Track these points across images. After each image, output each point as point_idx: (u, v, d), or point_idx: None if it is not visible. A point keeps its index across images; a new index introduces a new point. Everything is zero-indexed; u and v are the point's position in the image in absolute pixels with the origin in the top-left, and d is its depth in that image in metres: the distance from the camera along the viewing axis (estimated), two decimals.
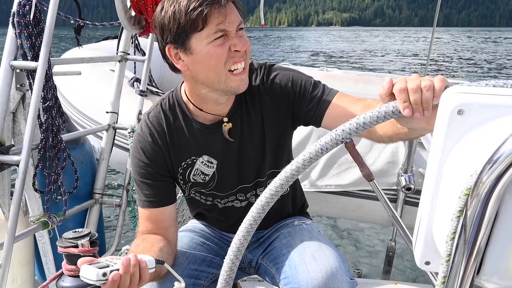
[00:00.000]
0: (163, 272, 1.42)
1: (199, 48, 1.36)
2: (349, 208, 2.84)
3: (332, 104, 1.47)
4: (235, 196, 1.66)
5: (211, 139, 1.55)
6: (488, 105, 0.68)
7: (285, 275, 1.46)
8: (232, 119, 1.55)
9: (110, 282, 1.17)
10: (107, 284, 1.18)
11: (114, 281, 1.18)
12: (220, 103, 1.50)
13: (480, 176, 0.60)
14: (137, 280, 1.23)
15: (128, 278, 1.21)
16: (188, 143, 1.56)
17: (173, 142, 1.55)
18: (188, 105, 1.54)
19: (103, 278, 1.19)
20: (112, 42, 3.58)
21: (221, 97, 1.47)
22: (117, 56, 2.91)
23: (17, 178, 1.95)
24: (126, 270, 1.20)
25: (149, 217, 1.55)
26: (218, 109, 1.52)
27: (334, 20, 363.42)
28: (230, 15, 1.35)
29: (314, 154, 0.85)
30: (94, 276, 1.19)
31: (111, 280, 1.18)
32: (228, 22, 1.34)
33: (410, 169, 2.52)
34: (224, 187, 1.63)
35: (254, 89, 1.55)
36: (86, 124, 3.56)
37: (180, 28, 1.34)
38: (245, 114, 1.56)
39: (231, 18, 1.35)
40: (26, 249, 2.37)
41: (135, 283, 1.23)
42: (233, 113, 1.55)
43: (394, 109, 0.92)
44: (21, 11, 1.99)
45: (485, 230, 0.63)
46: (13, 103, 2.13)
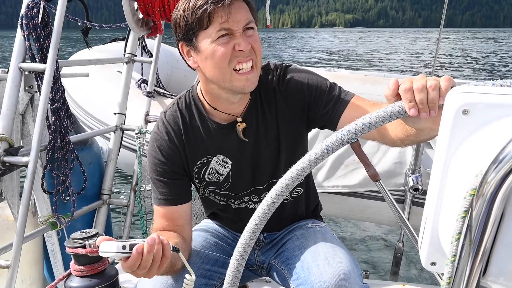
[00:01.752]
0: (178, 267, 1.42)
1: (205, 46, 1.38)
2: (356, 209, 2.83)
3: (347, 108, 1.46)
4: (249, 197, 1.66)
5: (226, 139, 1.55)
6: (493, 104, 0.67)
7: (297, 276, 1.45)
8: (247, 119, 1.55)
9: (135, 255, 1.16)
10: (131, 257, 1.16)
11: (138, 253, 1.16)
12: (233, 102, 1.50)
13: (486, 176, 0.60)
14: (159, 258, 1.21)
15: (151, 256, 1.19)
16: (203, 142, 1.56)
17: (189, 141, 1.55)
18: (204, 104, 1.55)
19: (123, 250, 1.17)
20: (120, 44, 3.60)
21: (231, 96, 1.47)
22: (125, 58, 2.92)
23: (25, 179, 1.96)
24: (151, 249, 1.18)
25: (164, 214, 1.54)
26: (232, 108, 1.52)
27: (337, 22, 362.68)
28: (236, 14, 1.34)
29: (320, 154, 0.85)
30: (114, 248, 1.17)
31: (136, 252, 1.16)
32: (233, 21, 1.34)
33: (418, 170, 2.51)
34: (239, 187, 1.63)
35: (270, 89, 1.55)
36: (94, 125, 3.58)
37: (188, 26, 1.37)
38: (260, 114, 1.56)
39: (236, 17, 1.34)
40: (35, 249, 2.38)
41: (158, 261, 1.21)
42: (248, 113, 1.54)
43: (400, 109, 0.92)
44: (29, 14, 2.01)
45: (491, 231, 0.63)
46: (22, 105, 2.15)
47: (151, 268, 1.21)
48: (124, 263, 1.19)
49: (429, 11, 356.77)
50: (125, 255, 1.17)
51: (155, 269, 1.22)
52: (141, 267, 1.19)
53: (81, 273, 1.64)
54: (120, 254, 1.17)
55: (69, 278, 1.68)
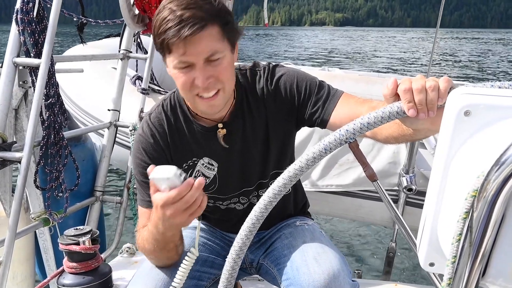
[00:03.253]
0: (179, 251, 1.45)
1: (170, 68, 1.37)
2: (349, 208, 2.83)
3: (337, 106, 1.46)
4: (237, 199, 1.66)
5: (212, 141, 1.54)
6: (495, 106, 0.67)
7: (287, 277, 1.45)
8: (231, 123, 1.53)
9: (185, 185, 1.14)
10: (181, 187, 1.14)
11: (188, 185, 1.15)
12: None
13: (487, 178, 0.60)
14: (199, 202, 1.19)
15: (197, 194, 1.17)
16: (189, 144, 1.55)
17: (175, 143, 1.54)
18: (189, 106, 1.54)
19: (180, 177, 1.14)
20: (114, 40, 3.57)
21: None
22: (119, 54, 2.91)
23: (18, 175, 1.95)
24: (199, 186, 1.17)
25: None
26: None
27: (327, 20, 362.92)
28: (195, 46, 1.28)
29: (318, 154, 0.85)
30: (172, 173, 1.14)
31: (186, 183, 1.15)
32: (191, 54, 1.30)
33: (412, 170, 2.52)
34: (226, 189, 1.62)
35: (258, 91, 1.54)
36: (88, 121, 3.55)
37: (156, 45, 1.36)
38: (248, 116, 1.54)
39: (195, 49, 1.29)
40: (27, 246, 2.37)
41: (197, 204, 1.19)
42: (233, 117, 1.53)
43: (399, 110, 0.92)
44: (24, 8, 1.99)
45: (491, 232, 0.63)
46: (16, 100, 2.13)
47: (187, 209, 1.19)
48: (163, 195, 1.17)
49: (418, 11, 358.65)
50: (176, 183, 1.14)
51: (188, 213, 1.20)
52: (182, 201, 1.16)
53: (74, 270, 1.64)
54: (174, 180, 1.14)
55: (62, 275, 1.68)
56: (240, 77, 1.56)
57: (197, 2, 1.29)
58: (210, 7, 1.30)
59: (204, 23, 1.27)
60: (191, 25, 1.25)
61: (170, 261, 1.47)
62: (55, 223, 2.26)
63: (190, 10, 1.26)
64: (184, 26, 1.25)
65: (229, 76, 1.39)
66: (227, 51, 1.36)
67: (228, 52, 1.36)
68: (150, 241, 1.38)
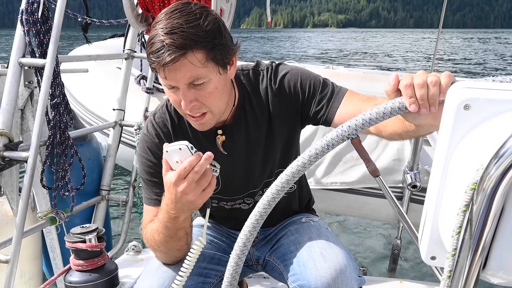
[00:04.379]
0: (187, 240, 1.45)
1: (162, 84, 1.37)
2: (354, 205, 2.84)
3: (342, 104, 1.45)
4: (242, 200, 1.67)
5: (212, 144, 1.54)
6: (495, 100, 0.68)
7: (294, 272, 1.45)
8: (233, 126, 1.53)
9: (195, 157, 1.18)
10: (191, 159, 1.18)
11: (198, 156, 1.19)
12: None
13: (486, 171, 0.61)
14: (209, 177, 1.22)
15: (206, 165, 1.20)
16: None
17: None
18: None
19: (192, 150, 1.19)
20: (119, 40, 3.59)
21: None
22: (124, 54, 2.93)
23: (25, 174, 1.96)
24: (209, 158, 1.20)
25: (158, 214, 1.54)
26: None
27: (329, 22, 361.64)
28: (175, 73, 1.27)
29: (320, 150, 0.85)
30: (184, 143, 1.19)
31: (207, 155, 1.19)
32: (172, 79, 1.29)
33: (416, 167, 2.52)
34: (231, 191, 1.62)
35: (262, 91, 1.53)
36: (93, 121, 3.58)
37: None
38: (251, 118, 1.54)
39: (174, 76, 1.28)
40: (34, 244, 2.39)
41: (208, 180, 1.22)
42: (235, 120, 1.53)
43: (400, 105, 0.92)
44: (29, 9, 2.01)
45: (491, 225, 0.63)
46: (22, 100, 2.15)
47: (199, 184, 1.21)
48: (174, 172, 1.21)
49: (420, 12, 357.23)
50: (188, 155, 1.19)
51: (200, 188, 1.22)
52: (193, 172, 1.19)
53: (81, 268, 1.65)
54: (186, 152, 1.19)
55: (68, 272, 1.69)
56: (243, 78, 1.55)
57: (182, 25, 1.24)
58: (196, 31, 1.25)
59: (183, 51, 1.24)
60: (170, 53, 1.23)
61: (179, 253, 1.47)
62: (61, 222, 2.28)
63: (172, 36, 1.24)
64: (164, 52, 1.24)
65: (215, 99, 1.36)
66: (212, 74, 1.32)
67: (214, 75, 1.33)
68: (160, 230, 1.38)
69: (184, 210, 1.29)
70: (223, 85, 1.39)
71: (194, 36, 1.25)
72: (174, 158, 1.21)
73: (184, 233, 1.40)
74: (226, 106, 1.46)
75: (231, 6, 2.90)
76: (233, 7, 2.94)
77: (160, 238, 1.41)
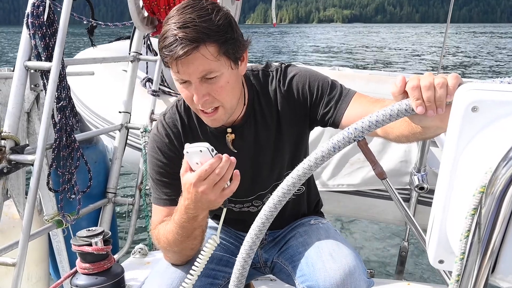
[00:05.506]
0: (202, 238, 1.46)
1: (174, 80, 1.38)
2: (361, 207, 2.82)
3: (350, 106, 1.45)
4: (251, 203, 1.66)
5: (222, 144, 1.54)
6: (503, 102, 0.67)
7: (302, 273, 1.45)
8: (243, 126, 1.54)
9: (216, 159, 1.20)
10: (212, 161, 1.20)
11: (218, 158, 1.20)
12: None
13: (495, 174, 0.60)
14: (229, 175, 1.24)
15: (227, 166, 1.22)
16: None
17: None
18: None
19: (212, 152, 1.21)
20: (125, 43, 3.60)
21: None
22: (130, 57, 2.93)
23: (31, 177, 1.97)
24: (229, 159, 1.22)
25: (168, 214, 1.52)
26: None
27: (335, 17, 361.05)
28: (187, 66, 1.28)
29: (326, 152, 0.85)
30: (205, 145, 1.20)
31: (217, 157, 1.20)
32: (184, 73, 1.30)
33: (423, 169, 2.50)
34: (239, 193, 1.61)
35: (271, 92, 1.54)
36: (99, 124, 3.58)
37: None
38: (260, 119, 1.54)
39: (187, 69, 1.29)
40: (41, 247, 2.39)
41: (226, 179, 1.24)
42: (245, 121, 1.54)
43: (407, 107, 0.91)
44: (35, 12, 2.02)
45: (500, 228, 0.62)
46: (28, 103, 2.16)
47: (219, 183, 1.23)
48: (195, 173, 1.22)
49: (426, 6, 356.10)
50: (208, 157, 1.20)
51: (220, 188, 1.24)
52: (214, 174, 1.21)
53: (87, 271, 1.65)
54: (206, 154, 1.20)
55: (75, 276, 1.69)
56: (252, 79, 1.56)
57: (194, 19, 1.26)
58: (208, 25, 1.27)
59: (196, 44, 1.26)
60: (183, 46, 1.25)
61: (192, 252, 1.47)
62: (68, 225, 2.28)
63: (185, 30, 1.25)
64: (177, 46, 1.25)
65: (227, 93, 1.37)
66: (224, 68, 1.34)
67: (226, 69, 1.34)
68: (175, 231, 1.38)
69: (204, 208, 1.31)
70: (235, 80, 1.40)
71: (207, 30, 1.27)
72: (194, 160, 1.22)
73: (201, 231, 1.42)
74: (237, 104, 1.47)
75: (237, 8, 2.90)
76: (238, 9, 2.94)
77: (175, 239, 1.41)
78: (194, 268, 1.31)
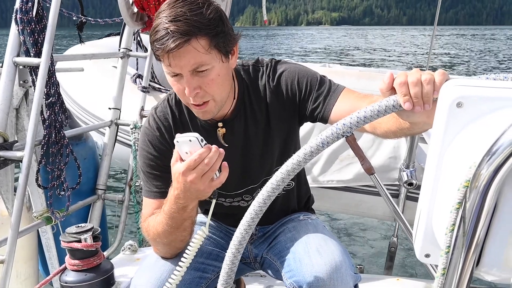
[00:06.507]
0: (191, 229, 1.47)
1: (165, 73, 1.39)
2: (351, 203, 2.84)
3: (338, 101, 1.46)
4: (241, 197, 1.67)
5: (213, 138, 1.55)
6: (487, 97, 0.68)
7: (290, 268, 1.46)
8: (233, 121, 1.55)
9: (205, 149, 1.21)
10: (201, 151, 1.21)
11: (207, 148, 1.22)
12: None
13: (479, 168, 0.61)
14: (217, 165, 1.25)
15: (216, 156, 1.23)
16: None
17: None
18: None
19: (202, 142, 1.22)
20: (114, 39, 3.58)
21: None
22: (119, 53, 2.92)
23: (20, 174, 1.96)
24: (218, 150, 1.24)
25: (159, 206, 1.52)
26: None
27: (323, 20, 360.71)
28: (179, 59, 1.30)
29: (315, 147, 0.86)
30: (195, 135, 1.22)
31: (206, 147, 1.22)
32: (176, 66, 1.32)
33: (412, 164, 2.52)
34: (229, 187, 1.62)
35: (261, 87, 1.55)
36: (89, 120, 3.57)
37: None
38: (250, 113, 1.56)
39: (179, 63, 1.31)
40: (30, 244, 2.38)
41: (215, 169, 1.25)
42: (235, 114, 1.55)
43: (395, 103, 0.92)
44: (23, 8, 2.00)
45: (484, 222, 0.63)
46: (16, 99, 2.14)
47: (208, 174, 1.24)
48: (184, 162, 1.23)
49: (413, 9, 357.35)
50: (198, 147, 1.22)
51: (208, 178, 1.25)
52: (203, 164, 1.22)
53: (77, 267, 1.65)
54: (196, 143, 1.21)
55: (64, 272, 1.69)
56: (243, 73, 1.57)
57: (185, 13, 1.28)
58: (199, 19, 1.29)
59: (188, 37, 1.27)
60: (174, 39, 1.26)
61: (182, 244, 1.47)
62: (57, 222, 2.27)
63: (176, 23, 1.27)
64: (168, 39, 1.27)
65: (218, 86, 1.39)
66: (215, 61, 1.35)
67: (217, 63, 1.36)
68: (164, 222, 1.39)
69: (193, 198, 1.32)
70: (225, 73, 1.42)
71: (198, 23, 1.28)
72: (184, 149, 1.24)
73: (190, 222, 1.42)
74: (228, 97, 1.48)
75: (227, 5, 2.90)
76: (228, 6, 2.94)
77: (164, 230, 1.41)
78: (183, 260, 1.32)
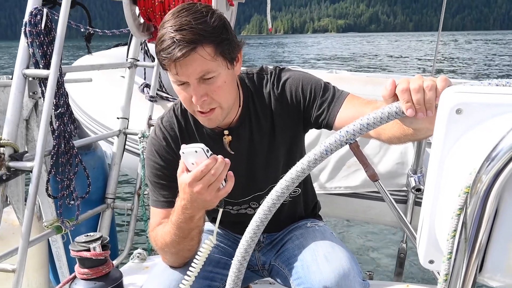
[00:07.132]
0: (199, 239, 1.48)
1: (172, 82, 1.41)
2: (359, 209, 2.83)
3: (342, 108, 1.47)
4: (248, 204, 1.68)
5: (219, 146, 1.56)
6: (486, 104, 0.68)
7: (298, 276, 1.46)
8: (238, 129, 1.56)
9: (211, 160, 1.23)
10: (207, 162, 1.22)
11: (214, 159, 1.23)
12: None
13: (479, 174, 0.61)
14: (223, 176, 1.26)
15: (222, 167, 1.25)
16: None
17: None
18: None
19: (208, 153, 1.23)
20: (122, 49, 3.62)
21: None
22: (127, 63, 2.94)
23: (30, 184, 1.98)
24: (224, 160, 1.25)
25: (166, 216, 1.53)
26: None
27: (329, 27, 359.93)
28: (186, 68, 1.32)
29: (319, 155, 0.86)
30: (201, 146, 1.23)
31: (212, 158, 1.23)
32: (183, 74, 1.33)
33: (419, 170, 2.51)
34: (235, 194, 1.63)
35: (265, 95, 1.57)
36: (98, 130, 3.59)
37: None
38: (255, 121, 1.57)
39: (186, 71, 1.33)
40: (40, 253, 2.40)
41: (221, 179, 1.26)
42: (240, 122, 1.56)
43: (397, 110, 0.93)
44: (32, 21, 2.03)
45: (485, 227, 0.64)
46: (26, 111, 2.17)
47: (214, 184, 1.25)
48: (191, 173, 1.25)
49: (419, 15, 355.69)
50: (204, 158, 1.23)
51: (215, 188, 1.26)
52: (209, 174, 1.23)
53: (86, 276, 1.66)
54: (202, 154, 1.23)
55: (74, 281, 1.70)
56: (247, 81, 1.59)
57: (190, 22, 1.30)
58: (204, 27, 1.31)
59: (194, 45, 1.29)
60: (181, 48, 1.28)
61: (189, 253, 1.48)
62: (67, 231, 2.29)
63: (182, 32, 1.29)
64: (175, 48, 1.29)
65: (224, 93, 1.41)
66: (221, 68, 1.37)
67: (223, 70, 1.38)
68: (172, 232, 1.40)
69: (200, 208, 1.33)
70: (231, 80, 1.44)
71: (203, 31, 1.31)
72: (190, 160, 1.25)
73: (198, 232, 1.43)
74: (233, 105, 1.50)
75: (232, 14, 2.92)
76: (233, 15, 2.95)
77: (172, 240, 1.42)
78: (191, 269, 1.33)
